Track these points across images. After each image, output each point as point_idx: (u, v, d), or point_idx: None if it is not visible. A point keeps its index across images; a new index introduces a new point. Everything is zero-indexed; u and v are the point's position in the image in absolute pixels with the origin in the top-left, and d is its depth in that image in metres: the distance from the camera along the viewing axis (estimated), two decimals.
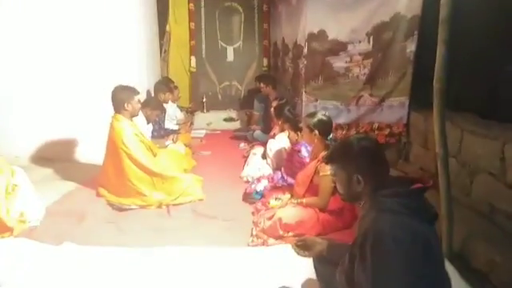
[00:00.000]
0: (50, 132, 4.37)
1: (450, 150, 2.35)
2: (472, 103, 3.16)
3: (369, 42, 3.99)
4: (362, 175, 1.49)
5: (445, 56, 2.16)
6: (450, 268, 2.04)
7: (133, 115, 3.45)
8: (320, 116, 2.88)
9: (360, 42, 4.01)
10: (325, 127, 2.85)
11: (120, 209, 3.21)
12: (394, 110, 4.05)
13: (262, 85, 5.33)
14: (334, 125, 3.29)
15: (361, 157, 1.51)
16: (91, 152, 4.39)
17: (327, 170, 2.64)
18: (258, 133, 5.27)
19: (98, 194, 3.41)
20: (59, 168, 4.12)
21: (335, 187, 2.64)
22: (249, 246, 2.67)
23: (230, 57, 6.86)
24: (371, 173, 1.50)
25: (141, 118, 4.39)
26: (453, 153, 2.84)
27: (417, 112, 3.89)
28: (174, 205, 3.28)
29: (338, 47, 4.07)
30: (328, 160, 1.65)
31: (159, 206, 3.26)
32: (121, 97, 3.33)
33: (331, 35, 4.06)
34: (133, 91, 3.40)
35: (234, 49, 6.85)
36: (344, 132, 4.13)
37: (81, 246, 2.56)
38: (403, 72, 3.95)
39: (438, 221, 1.53)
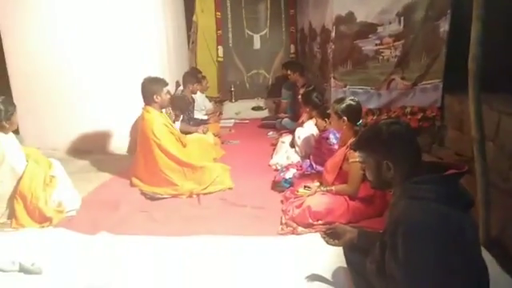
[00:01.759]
0: (85, 125, 4.54)
1: (486, 133, 2.24)
2: (510, 84, 2.99)
3: (399, 22, 3.83)
4: (393, 161, 1.44)
5: (480, 34, 2.05)
6: (486, 256, 1.96)
7: (162, 106, 3.51)
8: (348, 101, 2.81)
9: (390, 23, 3.85)
10: (353, 113, 2.79)
11: (153, 198, 3.29)
12: (428, 94, 3.88)
13: (289, 72, 5.27)
14: (364, 110, 3.21)
15: (391, 142, 1.46)
16: (125, 143, 4.53)
17: (357, 156, 2.58)
18: (286, 121, 5.24)
19: (132, 184, 3.51)
20: (94, 160, 4.27)
21: (365, 174, 2.63)
22: (278, 234, 2.67)
23: (257, 45, 6.82)
24: (402, 159, 1.44)
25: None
26: (490, 136, 2.70)
27: (451, 95, 3.73)
28: (204, 194, 3.32)
29: (367, 30, 3.93)
30: (356, 146, 1.60)
31: (190, 195, 3.32)
32: (150, 89, 3.39)
33: (360, 17, 3.92)
34: (162, 83, 3.45)
35: (261, 36, 6.81)
36: (375, 117, 4.01)
37: (116, 235, 2.64)
38: (436, 53, 3.77)
39: (474, 207, 1.46)
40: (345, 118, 2.78)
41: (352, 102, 2.80)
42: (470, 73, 2.11)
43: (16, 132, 3.01)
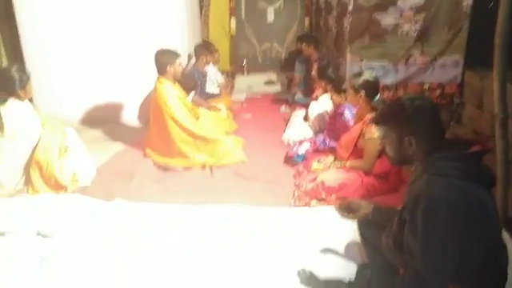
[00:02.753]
0: (99, 95, 4.56)
1: (509, 111, 2.18)
2: None
3: None
4: (415, 137, 1.41)
5: (508, 7, 1.96)
6: (504, 234, 1.94)
7: (175, 78, 3.48)
8: (367, 76, 2.74)
9: None
10: (371, 88, 2.73)
11: (166, 169, 3.31)
12: (447, 69, 3.78)
13: (303, 45, 5.14)
14: (380, 86, 3.13)
15: (413, 118, 1.42)
16: (137, 114, 4.54)
17: (373, 132, 2.55)
18: (299, 95, 5.16)
19: (145, 155, 3.53)
20: (108, 130, 4.30)
21: (381, 150, 2.60)
22: (291, 207, 2.67)
23: (271, 17, 6.67)
24: (424, 135, 1.41)
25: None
26: (511, 113, 2.64)
27: (472, 71, 3.63)
28: (216, 166, 3.33)
29: (387, 2, 3.80)
30: (378, 121, 1.56)
31: (202, 167, 3.33)
32: (163, 60, 3.35)
33: None
34: (174, 54, 3.41)
35: (275, 9, 6.65)
36: (391, 93, 3.94)
37: (131, 202, 2.67)
38: (458, 27, 3.64)
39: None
40: (362, 92, 2.72)
41: (370, 77, 2.73)
42: (497, 49, 2.04)
43: (30, 101, 3.02)
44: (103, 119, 4.53)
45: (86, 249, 2.16)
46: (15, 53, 4.43)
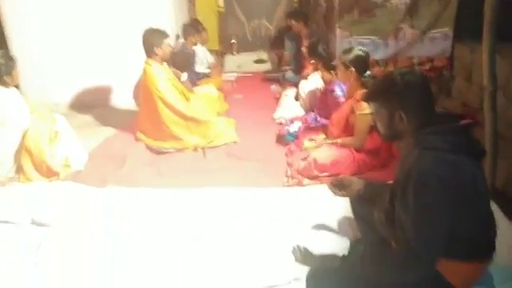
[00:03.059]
0: (87, 79, 4.50)
1: (498, 83, 2.19)
2: None
3: None
4: (406, 112, 1.41)
5: None
6: (492, 206, 1.99)
7: (164, 59, 3.42)
8: (357, 51, 2.73)
9: None
10: (362, 64, 2.71)
11: (158, 152, 3.31)
12: (437, 42, 3.77)
13: (293, 22, 5.07)
14: (370, 61, 3.12)
15: (404, 93, 1.42)
16: (128, 98, 4.49)
17: (364, 108, 2.56)
18: (289, 73, 5.13)
19: (137, 139, 3.51)
20: (97, 114, 4.26)
21: (371, 126, 2.61)
22: (284, 186, 2.69)
23: None
24: (415, 110, 1.41)
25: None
26: (501, 87, 2.65)
27: (461, 44, 3.62)
28: (209, 148, 3.33)
29: None
30: (368, 97, 1.56)
31: (195, 149, 3.33)
32: (150, 41, 3.29)
33: None
34: (162, 34, 3.34)
35: None
36: (381, 68, 3.92)
37: (123, 188, 2.67)
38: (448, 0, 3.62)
39: None
40: (352, 68, 2.71)
41: (360, 52, 2.72)
42: (486, 20, 2.03)
43: (16, 87, 2.96)
44: (92, 103, 4.48)
45: (81, 236, 2.17)
46: None
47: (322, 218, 2.18)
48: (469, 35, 3.34)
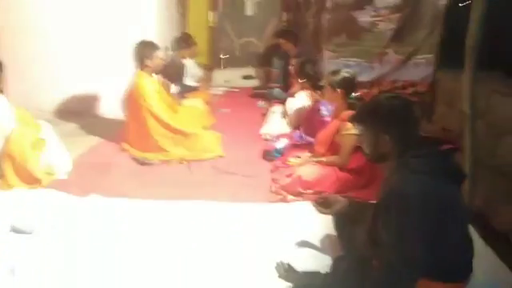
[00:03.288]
0: (73, 87, 4.46)
1: (477, 110, 2.28)
2: (502, 62, 3.02)
3: None
4: (391, 135, 1.47)
5: (481, 11, 2.04)
6: (470, 228, 2.05)
7: (154, 71, 3.45)
8: (344, 74, 2.81)
9: None
10: (348, 85, 2.79)
11: (143, 163, 3.29)
12: (420, 68, 3.91)
13: (282, 41, 5.18)
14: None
15: (391, 117, 1.48)
16: (114, 107, 4.46)
17: (349, 128, 2.62)
18: (277, 91, 5.20)
19: (122, 149, 3.49)
20: (83, 123, 4.21)
21: (356, 146, 2.67)
22: (268, 202, 2.71)
23: (249, 11, 6.66)
24: (400, 133, 1.47)
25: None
26: (480, 113, 2.76)
27: (443, 70, 3.76)
28: (194, 161, 3.33)
29: (364, 0, 3.89)
30: (355, 120, 1.62)
31: (180, 162, 3.32)
32: (142, 52, 3.32)
33: None
34: (153, 47, 3.39)
35: (254, 3, 6.64)
36: (366, 90, 4.03)
37: (106, 197, 2.65)
38: (432, 28, 3.77)
39: None
40: (339, 90, 2.78)
41: (347, 75, 2.80)
42: (468, 50, 2.13)
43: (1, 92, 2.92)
44: (79, 111, 4.44)
45: (61, 245, 2.13)
46: None
47: (305, 235, 2.20)
48: (451, 62, 3.46)
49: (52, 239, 2.17)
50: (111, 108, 4.49)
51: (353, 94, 2.84)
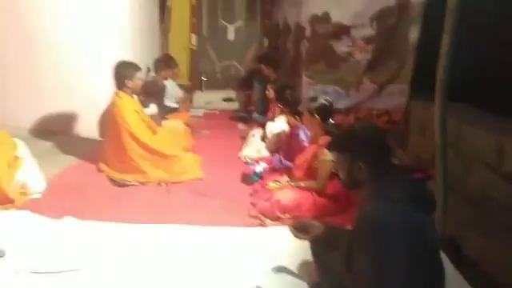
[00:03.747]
0: (50, 105, 4.37)
1: (448, 139, 2.39)
2: (471, 94, 3.18)
3: (372, 26, 3.96)
4: (365, 163, 1.52)
5: (450, 46, 2.17)
6: (441, 255, 2.11)
7: (134, 92, 3.46)
8: (322, 101, 2.90)
9: (364, 26, 3.98)
10: (326, 112, 2.88)
11: (120, 185, 3.25)
12: (394, 97, 4.05)
13: (262, 66, 5.28)
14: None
15: (365, 145, 1.54)
16: (91, 127, 4.42)
17: (326, 154, 2.68)
18: (256, 114, 5.27)
19: (99, 169, 3.44)
20: (59, 141, 4.14)
21: (333, 172, 2.73)
22: (246, 226, 2.72)
23: (231, 36, 6.80)
24: (374, 161, 1.53)
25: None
26: (450, 143, 2.88)
27: (417, 100, 3.91)
28: (173, 183, 3.32)
29: (341, 31, 4.05)
30: (331, 148, 1.68)
31: (159, 184, 3.30)
32: (122, 73, 3.33)
33: (335, 18, 4.03)
34: (134, 67, 3.40)
35: (235, 27, 6.78)
36: (343, 117, 4.14)
37: (81, 220, 2.60)
38: (405, 59, 3.94)
39: None
40: (317, 116, 2.87)
41: (325, 102, 2.90)
42: (438, 82, 2.24)
43: None
44: (53, 130, 4.35)
45: (34, 268, 2.07)
46: None
47: (282, 260, 2.22)
48: (423, 93, 3.62)
49: (24, 261, 2.11)
50: (88, 127, 4.44)
51: (330, 120, 2.93)
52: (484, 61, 3.00)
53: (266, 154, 3.94)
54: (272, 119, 4.36)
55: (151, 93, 4.29)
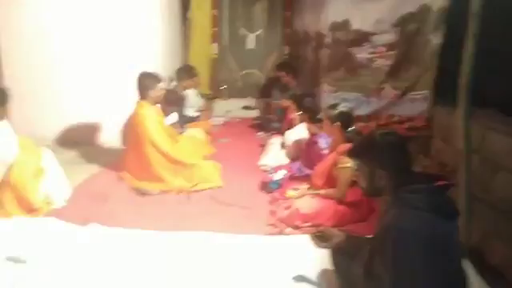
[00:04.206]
0: (73, 116, 4.50)
1: (472, 146, 2.33)
2: (496, 99, 3.10)
3: (394, 33, 3.92)
4: (386, 171, 1.51)
5: (473, 51, 2.13)
6: (466, 263, 2.05)
7: (156, 102, 3.52)
8: (342, 108, 2.88)
9: (385, 32, 3.94)
10: (346, 119, 2.86)
11: (142, 193, 3.30)
12: (416, 104, 3.98)
13: (283, 73, 5.30)
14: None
15: (385, 152, 1.53)
16: (114, 136, 4.52)
17: (346, 162, 2.65)
18: (276, 122, 5.26)
19: (121, 178, 3.51)
20: (83, 151, 4.25)
21: (353, 180, 2.70)
22: (266, 234, 2.72)
23: (252, 44, 6.84)
24: (395, 168, 1.51)
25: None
26: (475, 149, 2.81)
27: (439, 106, 3.83)
28: (193, 191, 3.35)
29: (362, 38, 4.01)
30: (352, 155, 1.67)
31: (179, 192, 3.33)
32: (145, 83, 3.40)
33: (355, 25, 4.00)
34: (156, 78, 3.47)
35: (256, 36, 6.83)
36: (364, 124, 4.09)
37: (106, 227, 2.65)
38: (428, 65, 3.87)
39: None
40: (338, 123, 2.84)
41: (345, 109, 2.88)
42: (462, 88, 2.20)
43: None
44: (77, 140, 4.47)
45: (58, 274, 2.12)
46: None
47: (302, 269, 2.20)
48: (446, 99, 3.55)
49: (50, 268, 2.17)
50: (111, 137, 4.55)
51: (350, 127, 2.90)
52: (508, 66, 2.92)
53: (285, 161, 3.93)
54: (287, 128, 4.34)
55: (172, 102, 4.36)
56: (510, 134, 2.67)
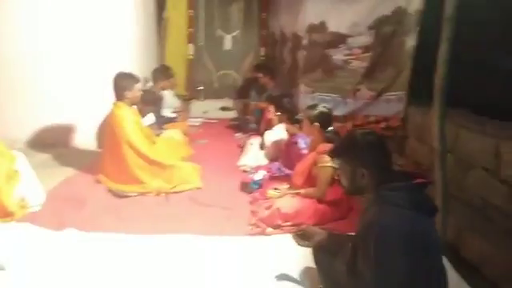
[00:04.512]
0: (47, 117, 4.37)
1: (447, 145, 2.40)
2: (468, 100, 3.21)
3: (369, 35, 4.01)
4: (367, 169, 1.54)
5: (448, 53, 2.20)
6: (444, 260, 2.11)
7: (133, 103, 3.46)
8: (321, 108, 2.92)
9: (360, 35, 4.02)
10: (325, 120, 2.90)
11: (119, 195, 3.23)
12: (392, 104, 4.09)
13: (260, 74, 5.32)
14: None
15: (366, 151, 1.56)
16: (89, 138, 4.42)
17: (326, 161, 2.70)
18: (253, 123, 5.27)
19: (98, 181, 3.43)
20: (57, 154, 4.13)
21: (333, 178, 2.74)
22: (247, 234, 2.71)
23: (228, 45, 6.84)
24: (375, 167, 1.54)
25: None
26: (449, 148, 2.90)
27: (414, 106, 3.94)
28: (172, 193, 3.30)
29: (338, 40, 4.09)
30: (333, 154, 1.69)
31: (158, 194, 3.28)
32: (122, 84, 3.34)
33: (331, 27, 4.08)
34: (133, 79, 3.41)
35: (232, 37, 6.83)
36: (340, 124, 4.16)
37: (82, 232, 2.58)
38: (402, 67, 3.99)
39: None
40: (317, 124, 2.88)
41: (324, 109, 2.91)
42: (436, 88, 2.27)
43: None
44: (51, 142, 4.34)
45: (35, 280, 2.06)
46: None
47: (284, 268, 2.21)
48: (421, 99, 3.66)
49: (25, 274, 2.10)
50: (86, 139, 4.44)
51: (329, 127, 2.94)
52: (481, 67, 3.04)
53: (264, 162, 3.94)
54: (265, 129, 4.35)
55: (149, 103, 4.29)
56: (482, 132, 2.77)
